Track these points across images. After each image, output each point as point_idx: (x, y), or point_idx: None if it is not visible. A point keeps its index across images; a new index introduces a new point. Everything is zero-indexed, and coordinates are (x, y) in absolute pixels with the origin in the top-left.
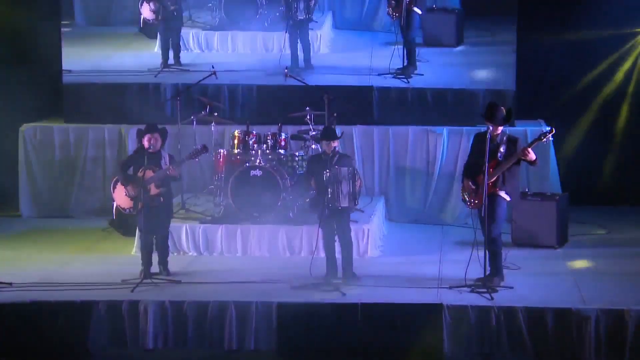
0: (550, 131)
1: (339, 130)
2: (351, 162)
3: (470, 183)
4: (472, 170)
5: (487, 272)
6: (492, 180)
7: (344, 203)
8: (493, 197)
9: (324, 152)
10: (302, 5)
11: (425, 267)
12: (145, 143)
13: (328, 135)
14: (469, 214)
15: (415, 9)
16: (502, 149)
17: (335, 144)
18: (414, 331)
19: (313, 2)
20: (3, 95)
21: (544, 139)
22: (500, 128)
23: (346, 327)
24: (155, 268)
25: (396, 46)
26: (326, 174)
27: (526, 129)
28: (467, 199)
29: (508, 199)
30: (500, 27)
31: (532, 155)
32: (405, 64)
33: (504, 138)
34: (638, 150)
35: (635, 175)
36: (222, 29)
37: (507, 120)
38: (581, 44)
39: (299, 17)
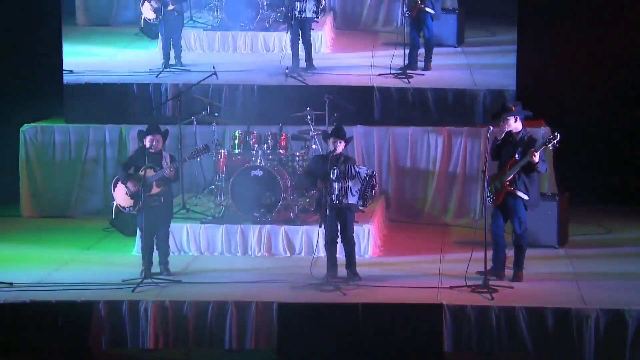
0: (555, 137)
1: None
2: (355, 164)
3: (495, 181)
4: (499, 167)
5: (489, 267)
6: (508, 179)
7: (352, 200)
8: (513, 197)
9: (330, 151)
10: (310, 5)
11: (426, 267)
12: (147, 143)
13: (337, 133)
14: (470, 214)
15: (427, 9)
16: (520, 149)
17: (343, 144)
18: (414, 331)
19: (323, 4)
20: (4, 95)
21: (549, 145)
22: (513, 125)
23: (346, 327)
24: (156, 268)
25: (396, 47)
26: (334, 171)
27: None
28: (490, 195)
29: (526, 197)
30: (501, 27)
31: (535, 158)
32: (406, 63)
33: (525, 138)
34: (638, 151)
35: (635, 175)
36: (223, 29)
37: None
38: (582, 43)
39: (307, 15)
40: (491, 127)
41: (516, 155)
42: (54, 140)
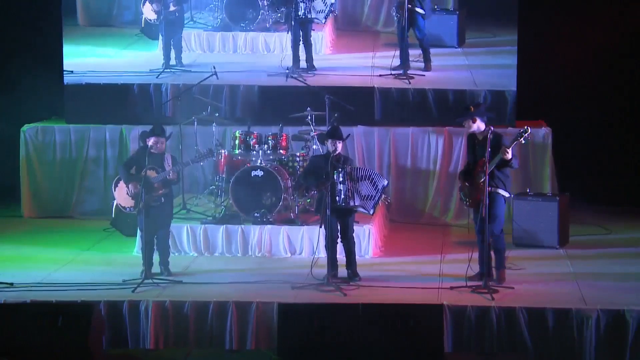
0: (525, 131)
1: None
2: (354, 163)
3: (466, 183)
4: (466, 169)
5: (482, 270)
6: (482, 181)
7: (357, 202)
8: (490, 196)
9: (329, 152)
10: (318, 6)
11: (426, 267)
12: (150, 143)
13: (335, 134)
14: (470, 214)
15: (418, 9)
16: (489, 149)
17: (341, 144)
18: (414, 331)
19: (329, 8)
20: (5, 95)
21: (521, 139)
22: (474, 126)
23: (346, 327)
24: (156, 268)
25: (397, 48)
26: (340, 173)
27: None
28: (464, 198)
29: (507, 195)
30: (501, 27)
31: (508, 155)
32: (398, 64)
33: (490, 136)
34: (638, 150)
35: (635, 175)
36: (223, 29)
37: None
38: (582, 44)
39: (312, 16)
40: (491, 127)
41: (485, 156)
42: (54, 140)
